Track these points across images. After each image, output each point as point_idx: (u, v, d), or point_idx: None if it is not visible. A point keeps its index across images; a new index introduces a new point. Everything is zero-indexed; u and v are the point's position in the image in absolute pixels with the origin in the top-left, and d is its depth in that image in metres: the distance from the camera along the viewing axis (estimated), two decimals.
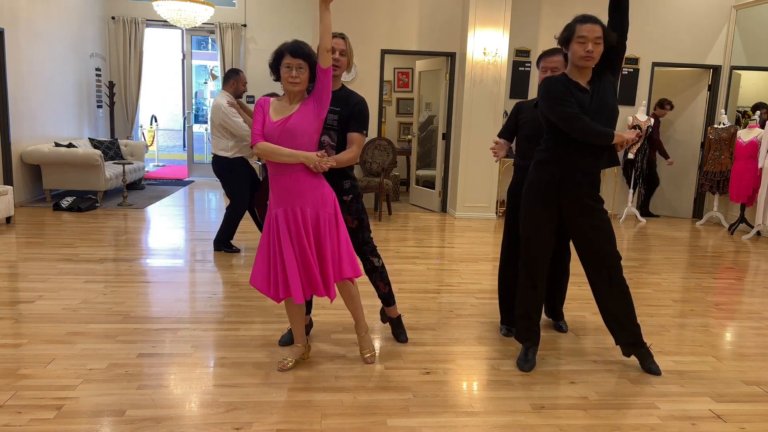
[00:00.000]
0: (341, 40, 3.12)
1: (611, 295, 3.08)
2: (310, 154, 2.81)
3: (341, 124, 3.09)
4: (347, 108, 3.09)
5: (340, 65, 3.11)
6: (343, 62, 3.12)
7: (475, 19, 7.35)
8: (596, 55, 2.88)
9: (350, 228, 3.23)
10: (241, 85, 5.20)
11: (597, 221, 3.02)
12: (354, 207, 3.21)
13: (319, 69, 2.82)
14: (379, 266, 3.34)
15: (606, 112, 2.94)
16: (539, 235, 3.08)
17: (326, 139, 3.09)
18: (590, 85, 2.96)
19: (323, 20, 2.81)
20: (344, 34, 3.15)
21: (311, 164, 2.81)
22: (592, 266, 3.07)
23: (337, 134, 3.10)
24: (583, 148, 2.95)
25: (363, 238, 3.27)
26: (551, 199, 3.03)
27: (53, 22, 8.02)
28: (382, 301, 3.44)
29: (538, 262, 3.11)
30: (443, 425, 2.55)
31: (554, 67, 3.28)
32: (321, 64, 2.82)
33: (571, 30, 2.90)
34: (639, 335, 3.14)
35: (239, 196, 5.39)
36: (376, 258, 3.33)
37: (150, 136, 13.07)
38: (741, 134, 7.20)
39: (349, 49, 3.16)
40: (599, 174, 3.06)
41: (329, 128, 3.08)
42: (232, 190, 5.38)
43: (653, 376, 3.11)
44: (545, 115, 2.99)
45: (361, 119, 3.10)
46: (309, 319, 3.51)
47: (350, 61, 3.17)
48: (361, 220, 3.24)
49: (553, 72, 3.26)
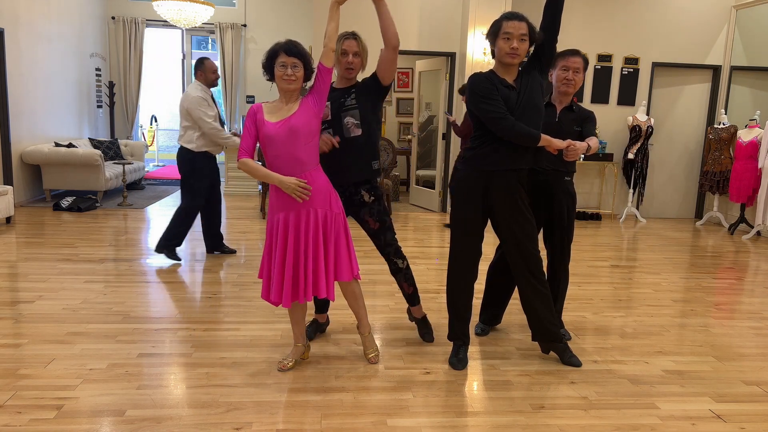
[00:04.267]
0: (353, 41, 3.07)
1: (534, 295, 3.11)
2: (285, 179, 2.77)
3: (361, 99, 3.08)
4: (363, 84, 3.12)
5: (354, 67, 3.08)
6: (356, 63, 3.08)
7: (475, 19, 7.35)
8: (521, 53, 2.87)
9: (372, 230, 3.22)
10: (210, 74, 4.95)
11: (523, 221, 3.03)
12: (376, 208, 3.19)
13: (322, 68, 2.81)
14: (404, 267, 3.31)
15: (533, 111, 2.93)
16: (468, 235, 3.08)
17: (350, 120, 3.07)
18: (517, 83, 2.95)
19: (332, 20, 2.80)
20: (356, 34, 3.10)
21: (287, 190, 2.78)
22: (518, 265, 3.09)
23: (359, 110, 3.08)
24: (512, 146, 2.94)
25: (386, 239, 3.24)
26: (479, 198, 3.02)
27: (53, 22, 8.02)
28: (407, 301, 3.44)
29: (467, 262, 3.11)
30: (443, 425, 2.55)
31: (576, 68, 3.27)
32: (325, 63, 2.81)
33: (498, 26, 2.89)
34: (557, 333, 3.18)
35: (194, 195, 5.01)
36: (401, 259, 3.30)
37: (150, 136, 13.07)
38: (741, 134, 7.21)
39: (363, 49, 3.10)
40: (526, 172, 3.06)
41: (350, 108, 3.07)
42: (189, 187, 4.99)
43: (653, 376, 3.11)
44: (472, 111, 2.98)
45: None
46: (326, 318, 3.52)
47: (364, 61, 3.12)
48: (384, 221, 3.22)
49: (576, 74, 3.26)
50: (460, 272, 3.14)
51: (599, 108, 8.06)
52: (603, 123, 8.08)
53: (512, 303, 4.04)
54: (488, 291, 3.63)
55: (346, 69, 3.08)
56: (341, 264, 2.92)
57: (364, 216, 3.20)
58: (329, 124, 3.10)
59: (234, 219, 7.03)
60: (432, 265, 5.24)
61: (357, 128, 3.09)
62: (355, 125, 3.08)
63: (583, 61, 3.27)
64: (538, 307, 3.12)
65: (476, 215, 3.05)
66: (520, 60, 2.91)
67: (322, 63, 2.82)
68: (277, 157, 2.81)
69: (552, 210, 3.38)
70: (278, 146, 2.79)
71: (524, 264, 3.07)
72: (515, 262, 3.09)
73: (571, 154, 2.97)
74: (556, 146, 2.93)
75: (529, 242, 3.05)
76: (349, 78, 3.12)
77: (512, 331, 3.71)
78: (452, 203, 3.13)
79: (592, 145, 3.12)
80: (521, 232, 3.03)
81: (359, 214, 3.21)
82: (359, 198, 3.17)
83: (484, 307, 3.66)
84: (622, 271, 5.32)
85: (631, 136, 7.82)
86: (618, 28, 7.98)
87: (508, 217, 3.02)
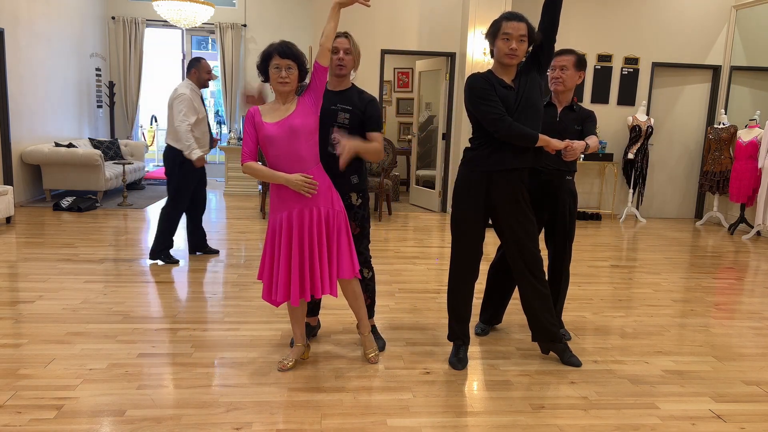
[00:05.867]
0: (344, 39, 3.08)
1: (534, 295, 3.11)
2: (292, 177, 2.79)
3: (353, 122, 3.07)
4: (359, 107, 3.07)
5: (345, 64, 3.07)
6: (347, 61, 3.07)
7: (475, 19, 7.35)
8: (520, 53, 2.88)
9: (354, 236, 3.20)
10: (203, 73, 4.92)
11: (524, 221, 3.03)
12: (360, 213, 3.20)
13: (318, 67, 2.82)
14: (368, 277, 3.31)
15: (531, 111, 2.93)
16: (469, 235, 3.08)
17: (336, 137, 3.06)
18: (515, 83, 2.95)
19: (332, 20, 2.81)
20: (348, 33, 3.11)
21: (295, 187, 2.79)
22: (518, 265, 3.09)
23: (349, 132, 3.06)
24: (512, 146, 2.93)
25: (359, 246, 3.24)
26: (480, 199, 3.02)
27: (53, 22, 8.02)
28: None
29: (468, 262, 3.11)
30: (443, 425, 2.55)
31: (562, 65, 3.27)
32: (321, 62, 2.82)
33: (497, 26, 2.89)
34: (557, 333, 3.18)
35: (179, 196, 4.96)
36: (367, 269, 3.30)
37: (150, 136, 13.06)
38: (741, 134, 7.21)
39: (355, 47, 3.10)
40: (527, 171, 3.06)
41: (340, 126, 3.05)
42: (175, 186, 4.92)
43: (653, 376, 3.11)
44: (471, 112, 2.98)
45: (375, 118, 3.11)
46: (317, 321, 3.51)
47: (357, 59, 3.12)
48: (363, 227, 3.23)
49: (562, 71, 3.27)
50: (460, 272, 3.14)
51: (599, 108, 8.06)
52: (603, 123, 8.07)
53: (512, 303, 4.04)
54: (488, 291, 3.63)
55: (337, 66, 3.06)
56: (343, 261, 2.93)
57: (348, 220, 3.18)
58: None
59: (234, 219, 7.03)
60: (432, 265, 5.24)
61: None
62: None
63: (572, 58, 3.26)
64: (537, 307, 3.12)
65: (477, 215, 3.05)
66: (519, 60, 2.92)
67: (318, 62, 2.82)
68: (279, 157, 2.82)
69: (554, 210, 3.38)
70: (279, 146, 2.80)
71: (524, 264, 3.07)
72: (516, 262, 3.09)
73: (569, 154, 2.97)
74: (555, 146, 2.93)
75: (530, 242, 3.04)
76: (340, 76, 3.08)
77: (512, 331, 3.71)
78: (453, 203, 3.13)
79: (591, 143, 3.12)
80: (522, 232, 3.03)
81: None
82: (347, 200, 3.16)
83: (485, 306, 3.66)
84: (622, 271, 5.32)
85: (631, 136, 7.82)
86: (618, 28, 7.98)
87: (509, 216, 3.02)
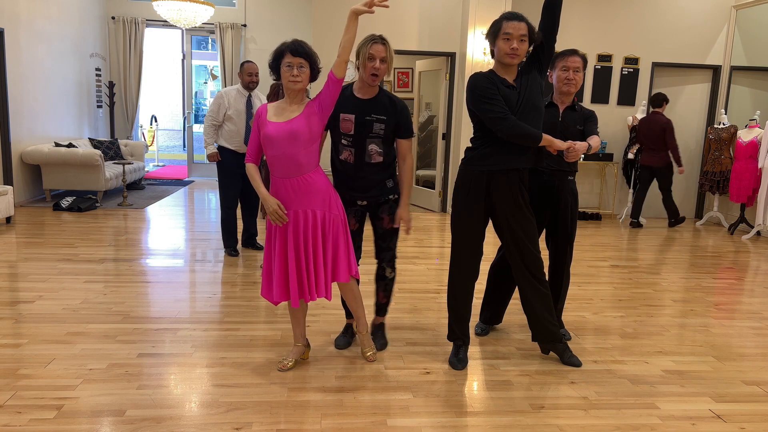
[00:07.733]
0: (381, 46, 2.91)
1: (534, 295, 3.11)
2: (269, 199, 2.82)
3: (388, 131, 3.02)
4: (394, 116, 3.02)
5: (380, 74, 2.93)
6: (383, 70, 2.92)
7: (475, 19, 7.35)
8: (521, 53, 2.88)
9: (384, 228, 3.17)
10: (245, 76, 5.10)
11: (524, 221, 3.03)
12: (395, 209, 3.16)
13: (333, 79, 2.76)
14: (390, 278, 3.29)
15: (533, 110, 2.93)
16: (469, 235, 3.08)
17: (374, 147, 3.02)
18: (517, 83, 2.95)
19: (349, 31, 2.73)
20: (385, 39, 2.94)
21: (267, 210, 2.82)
22: (518, 266, 3.09)
23: (383, 142, 3.03)
24: (513, 146, 2.93)
25: (391, 242, 3.21)
26: (481, 198, 3.02)
27: (53, 22, 8.02)
28: (376, 310, 3.41)
29: (468, 262, 3.11)
30: (443, 425, 2.55)
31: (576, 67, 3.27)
32: (336, 74, 2.75)
33: (498, 26, 2.90)
34: (557, 334, 3.18)
35: (222, 195, 5.21)
36: (391, 269, 3.27)
37: (150, 136, 13.07)
38: (741, 134, 7.21)
39: (390, 55, 2.93)
40: (527, 171, 3.06)
41: (375, 137, 3.00)
42: (220, 185, 5.23)
43: (653, 376, 3.11)
44: (473, 111, 2.98)
45: (408, 126, 3.08)
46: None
47: (390, 67, 2.97)
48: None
49: (576, 73, 3.27)
50: (461, 272, 3.14)
51: (599, 108, 8.06)
52: (603, 123, 8.08)
53: (512, 303, 4.04)
54: (489, 291, 3.63)
55: (371, 75, 2.93)
56: (339, 265, 2.92)
57: (382, 213, 3.14)
58: (351, 142, 3.02)
59: None
60: (432, 265, 5.24)
61: (379, 156, 3.05)
62: (378, 153, 3.05)
63: (582, 61, 3.30)
64: (537, 307, 3.12)
65: (478, 215, 3.05)
66: (520, 60, 2.92)
67: (333, 73, 2.76)
68: (276, 158, 2.81)
69: (556, 210, 3.38)
70: (277, 147, 2.79)
71: (524, 264, 3.07)
72: (516, 262, 3.09)
73: (571, 155, 2.97)
74: (557, 147, 2.93)
75: (530, 242, 3.04)
76: (372, 85, 2.98)
77: (512, 331, 3.71)
78: (453, 203, 3.13)
79: (593, 143, 3.12)
80: (522, 232, 3.03)
81: (377, 211, 3.15)
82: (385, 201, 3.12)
83: (485, 306, 3.66)
84: (622, 271, 5.32)
85: (631, 136, 7.81)
86: (618, 28, 7.98)
87: (509, 216, 3.02)
